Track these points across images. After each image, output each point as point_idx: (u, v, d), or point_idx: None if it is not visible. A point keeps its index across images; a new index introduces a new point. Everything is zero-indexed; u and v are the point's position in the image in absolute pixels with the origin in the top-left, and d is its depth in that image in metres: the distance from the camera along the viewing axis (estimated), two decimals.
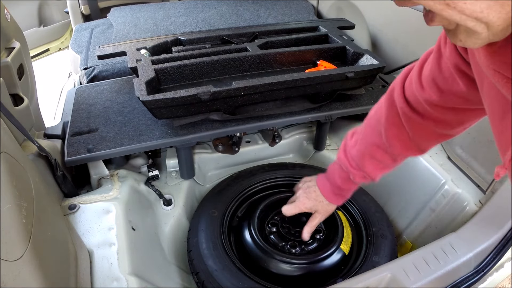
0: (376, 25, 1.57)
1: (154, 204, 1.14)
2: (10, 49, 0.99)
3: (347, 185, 0.93)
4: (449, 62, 0.57)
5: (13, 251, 0.57)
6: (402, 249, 1.17)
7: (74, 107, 1.23)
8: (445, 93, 0.61)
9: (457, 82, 0.57)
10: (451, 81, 0.58)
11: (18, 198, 0.63)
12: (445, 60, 0.58)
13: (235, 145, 1.34)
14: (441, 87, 0.61)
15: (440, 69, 0.60)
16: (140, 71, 1.11)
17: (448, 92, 0.61)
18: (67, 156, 1.01)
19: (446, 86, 0.60)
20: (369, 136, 0.85)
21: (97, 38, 1.67)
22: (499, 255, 0.89)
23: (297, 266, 0.96)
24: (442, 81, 0.61)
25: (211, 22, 1.74)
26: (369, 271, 0.84)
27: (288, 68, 1.33)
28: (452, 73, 0.57)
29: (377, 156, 0.85)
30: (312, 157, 1.46)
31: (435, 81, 0.62)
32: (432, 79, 0.63)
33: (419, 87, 0.67)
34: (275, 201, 1.11)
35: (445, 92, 0.61)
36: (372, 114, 0.85)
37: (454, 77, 0.57)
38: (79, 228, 0.89)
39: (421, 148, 0.81)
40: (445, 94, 0.62)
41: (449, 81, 0.59)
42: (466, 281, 0.88)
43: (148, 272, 0.90)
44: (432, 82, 0.63)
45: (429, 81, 0.64)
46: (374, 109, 0.85)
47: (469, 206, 1.02)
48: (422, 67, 0.66)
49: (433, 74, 0.62)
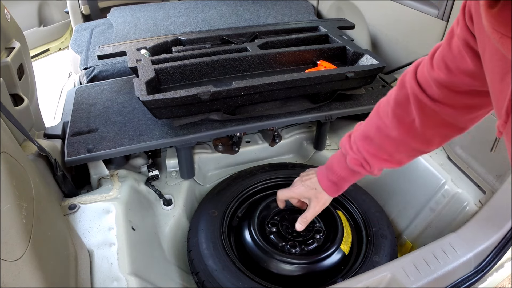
0: (376, 25, 1.57)
1: (154, 204, 1.14)
2: (10, 49, 0.99)
3: (343, 171, 0.89)
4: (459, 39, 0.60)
5: (13, 251, 0.57)
6: (402, 249, 1.17)
7: (74, 107, 1.23)
8: (453, 72, 0.64)
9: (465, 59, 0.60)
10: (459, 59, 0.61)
11: (18, 198, 0.63)
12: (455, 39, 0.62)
13: (235, 145, 1.34)
14: (450, 65, 0.64)
15: (450, 48, 0.63)
16: (140, 71, 1.11)
17: (456, 71, 0.63)
18: (67, 156, 1.01)
19: (454, 64, 0.63)
20: (374, 117, 0.84)
21: (97, 38, 1.67)
22: (499, 255, 0.89)
23: (297, 266, 0.96)
24: (451, 59, 0.64)
25: (211, 22, 1.74)
26: (369, 271, 0.84)
27: (288, 68, 1.33)
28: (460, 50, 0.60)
29: (378, 140, 0.82)
30: (312, 157, 1.46)
31: (444, 60, 0.65)
32: (441, 58, 0.66)
33: (430, 67, 0.69)
34: (275, 201, 1.11)
35: (453, 71, 0.64)
36: (383, 99, 0.84)
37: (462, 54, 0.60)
38: (79, 228, 0.89)
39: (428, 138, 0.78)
40: (453, 74, 0.64)
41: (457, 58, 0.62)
42: (466, 281, 0.88)
43: (148, 272, 0.89)
44: (441, 61, 0.66)
45: (438, 61, 0.67)
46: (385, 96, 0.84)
47: (469, 206, 1.02)
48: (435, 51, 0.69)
49: (443, 53, 0.65)
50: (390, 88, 1.38)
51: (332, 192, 0.94)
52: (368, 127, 0.84)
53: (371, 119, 0.85)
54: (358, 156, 0.85)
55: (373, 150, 0.83)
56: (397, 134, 0.79)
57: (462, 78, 0.63)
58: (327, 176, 0.93)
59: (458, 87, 0.66)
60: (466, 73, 0.62)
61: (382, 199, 1.23)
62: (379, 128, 0.82)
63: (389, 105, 0.80)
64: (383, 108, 0.82)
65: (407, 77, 0.77)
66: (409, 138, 0.79)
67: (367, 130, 0.84)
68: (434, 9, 1.27)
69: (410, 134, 0.78)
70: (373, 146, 0.83)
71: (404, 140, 0.79)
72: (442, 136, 0.79)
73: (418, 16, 1.33)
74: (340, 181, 0.92)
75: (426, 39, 1.32)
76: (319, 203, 0.95)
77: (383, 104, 0.83)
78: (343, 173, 0.90)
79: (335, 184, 0.92)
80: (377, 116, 0.83)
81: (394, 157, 0.83)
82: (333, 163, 0.92)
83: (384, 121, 0.81)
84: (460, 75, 0.63)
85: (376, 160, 0.84)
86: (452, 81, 0.65)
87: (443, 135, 0.79)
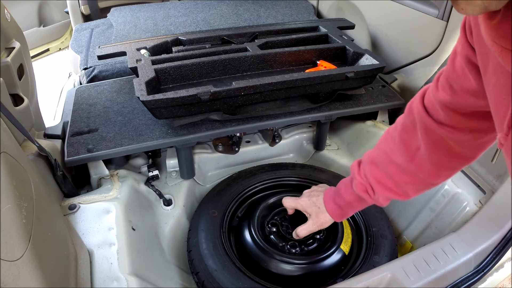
0: (376, 25, 1.57)
1: (154, 204, 1.14)
2: (10, 49, 1.00)
3: (349, 196, 0.88)
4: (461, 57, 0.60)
5: (13, 251, 0.57)
6: (402, 249, 1.17)
7: (74, 107, 1.23)
8: (457, 93, 0.64)
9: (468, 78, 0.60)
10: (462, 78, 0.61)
11: (18, 198, 0.63)
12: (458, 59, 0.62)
13: (235, 145, 1.34)
14: (454, 86, 0.64)
15: (454, 68, 0.63)
16: (140, 71, 1.11)
17: (460, 91, 0.63)
18: (67, 156, 1.01)
19: (458, 84, 0.63)
20: (382, 143, 0.83)
21: (97, 38, 1.67)
22: (499, 255, 0.89)
23: (297, 266, 0.96)
24: (454, 79, 0.64)
25: (211, 22, 1.74)
26: (369, 271, 0.84)
27: (288, 68, 1.33)
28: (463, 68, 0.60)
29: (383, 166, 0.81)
30: (312, 157, 1.46)
31: (448, 81, 0.65)
32: (446, 79, 0.66)
33: (435, 90, 0.69)
34: (275, 201, 1.11)
35: (457, 92, 0.64)
36: (392, 125, 0.84)
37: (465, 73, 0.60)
38: (79, 228, 0.89)
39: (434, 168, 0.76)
40: (457, 94, 0.64)
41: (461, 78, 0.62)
42: (466, 281, 0.88)
43: (148, 272, 0.89)
44: (445, 82, 0.66)
45: (443, 82, 0.67)
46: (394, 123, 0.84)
47: (469, 206, 1.02)
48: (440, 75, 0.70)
49: (447, 74, 0.66)
50: (390, 88, 1.38)
51: (336, 216, 0.92)
52: (376, 153, 0.84)
53: (379, 145, 0.84)
54: (364, 181, 0.84)
55: (378, 176, 0.81)
56: (402, 160, 0.77)
57: (466, 98, 0.62)
58: (334, 199, 0.91)
59: (463, 108, 0.65)
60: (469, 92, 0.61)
61: None
62: (386, 153, 0.81)
63: (396, 131, 0.80)
64: (391, 133, 0.81)
65: (415, 103, 0.76)
66: (415, 166, 0.77)
67: (375, 155, 0.83)
68: (434, 9, 1.27)
69: (415, 162, 0.76)
70: (379, 172, 0.82)
71: (410, 169, 0.77)
72: (449, 167, 0.77)
73: (418, 16, 1.33)
74: (345, 206, 0.90)
75: (426, 39, 1.32)
76: (316, 222, 0.94)
77: (392, 130, 0.82)
78: (349, 198, 0.88)
79: (340, 208, 0.91)
80: (385, 142, 0.82)
81: (400, 187, 0.81)
82: (341, 187, 0.90)
83: (391, 146, 0.80)
84: (464, 95, 0.62)
85: (381, 187, 0.82)
86: (456, 102, 0.65)
87: (450, 166, 0.76)
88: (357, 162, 0.88)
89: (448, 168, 0.77)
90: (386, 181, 0.81)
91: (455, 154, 0.72)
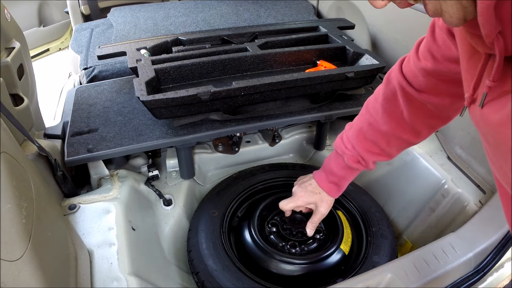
0: (376, 25, 1.57)
1: (154, 204, 1.14)
2: (10, 49, 1.00)
3: (341, 171, 0.94)
4: (441, 30, 0.65)
5: (13, 251, 0.57)
6: (402, 249, 1.17)
7: (74, 107, 1.23)
8: (439, 60, 0.69)
9: (450, 47, 0.65)
10: (444, 48, 0.66)
11: (18, 198, 0.63)
12: (438, 31, 0.67)
13: (235, 145, 1.34)
14: (435, 55, 0.69)
15: (434, 39, 0.68)
16: (140, 71, 1.11)
17: (442, 58, 0.68)
18: (67, 156, 1.01)
19: (439, 53, 0.68)
20: (365, 115, 0.89)
21: (97, 38, 1.67)
22: (499, 255, 0.89)
23: (297, 266, 0.96)
24: (436, 49, 0.68)
25: (211, 22, 1.74)
26: (369, 271, 0.84)
27: (288, 68, 1.33)
28: (445, 39, 0.65)
29: (370, 136, 0.87)
30: (312, 157, 1.46)
31: (430, 51, 0.70)
32: (427, 50, 0.71)
33: (416, 59, 0.75)
34: (275, 201, 1.11)
35: (438, 60, 0.69)
36: (370, 97, 0.91)
37: (447, 43, 0.65)
38: (79, 228, 0.89)
39: (416, 130, 0.83)
40: (439, 62, 0.69)
41: (442, 48, 0.67)
42: (466, 281, 0.88)
43: (148, 272, 0.89)
44: (427, 52, 0.71)
45: (424, 52, 0.72)
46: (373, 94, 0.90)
47: (469, 206, 1.02)
48: (419, 44, 0.75)
49: (428, 45, 0.70)
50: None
51: (334, 192, 0.97)
52: (360, 125, 0.90)
53: (361, 117, 0.90)
54: (354, 154, 0.90)
55: (366, 145, 0.88)
56: (388, 128, 0.84)
57: (447, 65, 0.68)
58: (327, 178, 0.96)
59: (443, 75, 0.70)
60: (451, 59, 0.66)
61: (382, 199, 1.23)
62: (371, 124, 0.87)
63: (377, 102, 0.86)
64: (372, 105, 0.88)
65: (393, 73, 0.82)
66: (399, 130, 0.84)
67: (360, 128, 0.89)
68: None
69: (399, 126, 0.83)
70: (367, 142, 0.88)
71: (395, 133, 0.85)
72: (429, 126, 0.84)
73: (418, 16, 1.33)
74: (340, 181, 0.95)
75: None
76: (325, 205, 0.98)
77: (372, 101, 0.89)
78: (342, 173, 0.94)
79: (336, 185, 0.96)
80: (368, 113, 0.88)
81: (385, 151, 0.89)
82: (331, 165, 0.95)
83: (375, 117, 0.86)
84: (445, 62, 0.68)
85: (370, 155, 0.89)
86: (438, 69, 0.70)
87: (430, 125, 0.84)
88: (340, 138, 0.94)
89: (429, 127, 0.85)
90: (374, 148, 0.89)
91: (434, 115, 0.80)
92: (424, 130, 0.84)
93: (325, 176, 0.97)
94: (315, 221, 0.99)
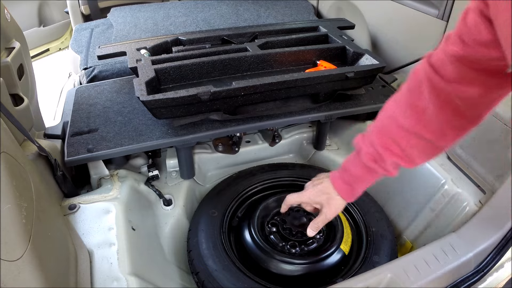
0: (376, 25, 1.57)
1: (154, 204, 1.14)
2: (10, 49, 1.00)
3: (357, 170, 0.85)
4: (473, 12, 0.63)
5: (13, 251, 0.57)
6: (402, 249, 1.17)
7: (74, 107, 1.23)
8: (469, 45, 0.66)
9: (480, 31, 0.63)
10: (474, 31, 0.64)
11: (18, 198, 0.63)
12: (470, 14, 0.65)
13: (235, 145, 1.34)
14: (465, 39, 0.66)
15: (465, 23, 0.66)
16: (140, 71, 1.11)
17: (472, 43, 0.65)
18: (67, 156, 1.01)
19: (470, 37, 0.65)
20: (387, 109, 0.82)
21: (97, 38, 1.67)
22: (499, 255, 0.89)
23: (297, 266, 0.96)
24: (466, 33, 0.66)
25: (211, 22, 1.74)
26: (369, 271, 0.84)
27: (288, 68, 1.33)
28: (476, 22, 0.63)
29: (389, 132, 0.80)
30: (312, 157, 1.46)
31: (459, 35, 0.68)
32: (457, 35, 0.68)
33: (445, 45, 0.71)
34: (275, 201, 1.11)
35: (468, 44, 0.66)
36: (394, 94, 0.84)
37: (477, 26, 0.63)
38: (79, 228, 0.89)
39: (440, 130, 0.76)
40: (468, 46, 0.66)
41: (472, 31, 0.64)
42: (466, 281, 0.88)
43: (148, 272, 0.89)
44: (456, 37, 0.68)
45: (454, 38, 0.69)
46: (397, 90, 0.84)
47: (469, 206, 1.02)
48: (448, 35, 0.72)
49: (458, 30, 0.68)
50: (390, 88, 1.38)
51: (346, 194, 0.88)
52: (380, 121, 0.83)
53: (383, 113, 0.83)
54: (371, 150, 0.82)
55: (385, 142, 0.80)
56: (409, 122, 0.77)
57: (477, 49, 0.65)
58: (342, 177, 0.88)
59: (473, 62, 0.67)
60: (481, 43, 0.63)
61: (382, 199, 1.23)
62: (391, 117, 0.80)
63: (401, 94, 0.79)
64: (395, 99, 0.81)
65: (420, 65, 0.77)
66: (420, 128, 0.76)
67: (380, 123, 0.82)
68: (434, 9, 1.27)
69: (421, 122, 0.76)
70: (386, 139, 0.80)
71: (416, 130, 0.77)
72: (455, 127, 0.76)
73: (418, 16, 1.33)
74: (355, 182, 0.86)
75: (426, 39, 1.32)
76: (331, 209, 0.89)
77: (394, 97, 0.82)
78: (358, 172, 0.85)
79: (350, 186, 0.87)
80: (389, 108, 0.82)
81: (405, 152, 0.79)
82: (347, 165, 0.88)
83: (396, 111, 0.79)
84: (476, 46, 0.65)
85: (388, 153, 0.80)
86: (468, 54, 0.67)
87: (456, 126, 0.76)
88: (361, 135, 0.86)
89: (455, 128, 0.76)
90: (393, 147, 0.79)
91: (462, 115, 0.74)
92: (449, 131, 0.76)
93: (339, 174, 0.88)
94: (317, 223, 0.92)
